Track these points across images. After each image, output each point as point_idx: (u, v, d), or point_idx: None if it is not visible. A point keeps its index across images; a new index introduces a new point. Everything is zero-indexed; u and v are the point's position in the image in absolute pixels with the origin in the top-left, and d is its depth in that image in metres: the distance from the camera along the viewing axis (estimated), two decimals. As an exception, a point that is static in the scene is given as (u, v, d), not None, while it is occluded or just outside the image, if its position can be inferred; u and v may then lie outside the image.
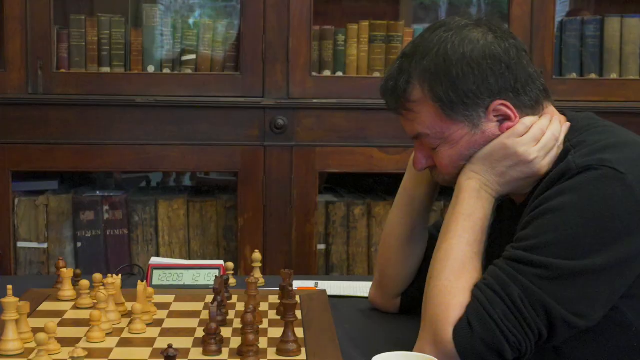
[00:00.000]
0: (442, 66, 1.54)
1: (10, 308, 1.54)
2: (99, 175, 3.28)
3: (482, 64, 1.54)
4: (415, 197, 1.80)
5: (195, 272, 2.03)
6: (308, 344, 1.60)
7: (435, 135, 1.60)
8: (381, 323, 1.85)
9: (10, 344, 1.54)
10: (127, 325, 1.69)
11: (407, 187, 1.82)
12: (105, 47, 3.00)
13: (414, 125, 1.63)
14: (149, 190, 3.19)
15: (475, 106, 1.56)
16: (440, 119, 1.58)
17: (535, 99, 1.60)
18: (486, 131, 1.58)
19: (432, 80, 1.55)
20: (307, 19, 2.91)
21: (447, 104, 1.55)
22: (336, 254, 2.98)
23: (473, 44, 1.54)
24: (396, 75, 1.61)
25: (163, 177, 3.41)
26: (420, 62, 1.57)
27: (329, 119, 2.87)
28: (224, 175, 3.32)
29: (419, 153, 1.68)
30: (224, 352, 1.56)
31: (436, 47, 1.56)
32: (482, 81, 1.54)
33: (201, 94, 2.89)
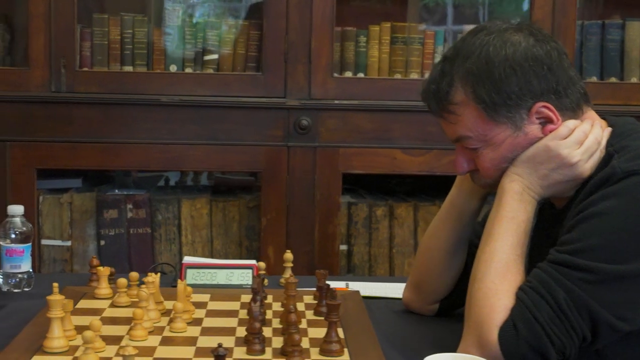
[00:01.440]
0: (484, 68, 1.55)
1: (55, 306, 1.55)
2: (118, 174, 3.29)
3: (524, 65, 1.55)
4: (464, 212, 1.81)
5: (229, 271, 2.04)
6: (349, 345, 1.61)
7: (477, 137, 1.61)
8: (417, 324, 1.86)
9: (56, 342, 1.55)
10: (168, 324, 1.70)
11: (455, 202, 1.81)
12: (128, 46, 3.00)
13: (455, 128, 1.64)
14: (169, 189, 3.19)
15: (517, 107, 1.57)
16: (483, 120, 1.58)
17: (576, 102, 1.61)
18: (529, 133, 1.59)
19: (474, 82, 1.56)
20: (329, 20, 2.92)
21: (490, 106, 1.56)
22: (358, 255, 2.99)
23: (515, 46, 1.55)
24: (438, 79, 1.62)
25: (181, 176, 3.42)
26: (463, 64, 1.58)
27: (352, 120, 2.87)
28: (241, 175, 3.33)
29: (460, 157, 1.68)
30: (267, 352, 1.57)
31: (478, 49, 1.57)
32: (524, 83, 1.55)
33: (223, 94, 2.90)
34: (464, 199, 1.80)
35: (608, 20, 3.15)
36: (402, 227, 2.98)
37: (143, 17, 3.04)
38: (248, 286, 2.02)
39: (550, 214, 1.69)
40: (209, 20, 3.06)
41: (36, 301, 1.92)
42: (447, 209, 1.84)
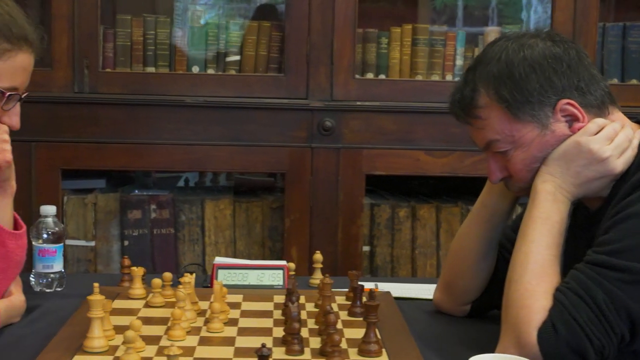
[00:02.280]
0: (504, 70, 1.59)
1: (96, 305, 1.56)
2: (138, 174, 3.30)
3: (543, 63, 1.59)
4: (496, 214, 1.82)
5: (260, 272, 2.05)
6: (386, 345, 1.62)
7: (505, 139, 1.62)
8: (449, 325, 1.86)
9: (96, 342, 1.56)
10: (205, 324, 1.71)
11: (487, 203, 1.83)
12: (150, 47, 3.01)
13: (484, 134, 1.66)
14: (192, 189, 3.20)
15: (540, 105, 1.59)
16: (508, 120, 1.61)
17: (600, 99, 1.63)
18: (556, 131, 1.61)
19: (496, 83, 1.60)
20: (351, 22, 2.93)
21: (513, 104, 1.59)
22: (380, 256, 2.99)
23: (532, 48, 1.61)
24: (462, 87, 1.67)
25: (199, 177, 3.43)
26: (484, 70, 1.62)
27: (375, 121, 2.88)
28: (259, 175, 3.34)
29: (492, 165, 1.70)
30: (306, 352, 1.58)
31: (497, 54, 1.62)
32: (544, 80, 1.59)
33: (245, 95, 2.91)
34: (496, 199, 1.81)
35: (629, 22, 3.15)
36: (424, 228, 2.99)
37: (165, 18, 3.05)
38: (279, 287, 2.04)
39: (584, 216, 1.70)
40: (231, 22, 3.07)
41: (69, 301, 1.94)
42: (478, 209, 1.85)
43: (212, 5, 3.14)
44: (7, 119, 1.72)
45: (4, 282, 1.77)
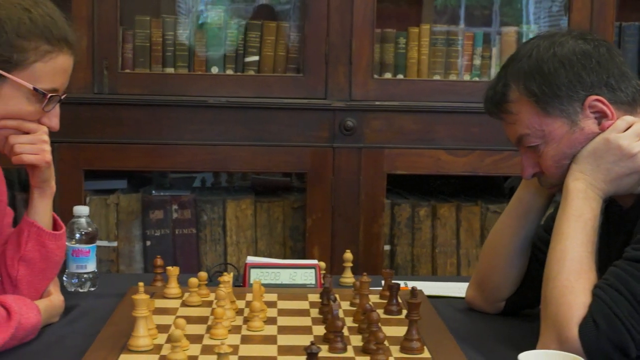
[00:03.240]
0: (534, 65, 1.64)
1: (141, 305, 1.57)
2: (155, 175, 3.31)
3: (572, 59, 1.63)
4: (532, 209, 1.84)
5: (292, 271, 2.06)
6: (426, 342, 1.63)
7: (535, 133, 1.66)
8: (484, 322, 1.87)
9: (141, 340, 1.57)
10: (244, 323, 1.73)
11: (522, 199, 1.85)
12: (169, 48, 3.02)
13: (515, 129, 1.69)
14: (209, 189, 3.21)
15: (569, 99, 1.62)
16: (538, 115, 1.64)
17: (631, 97, 1.65)
18: (585, 128, 1.63)
19: (526, 79, 1.64)
20: (370, 22, 2.94)
21: (542, 98, 1.63)
22: (401, 255, 3.01)
23: (562, 45, 1.65)
24: (495, 84, 1.72)
25: (215, 177, 3.44)
26: (515, 66, 1.67)
27: (396, 121, 2.89)
28: (277, 175, 3.35)
29: (525, 161, 1.72)
30: (349, 350, 1.59)
31: (529, 52, 1.66)
32: (573, 75, 1.62)
33: (264, 95, 2.92)
34: (531, 195, 1.83)
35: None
36: (444, 227, 3.01)
37: (184, 19, 3.06)
38: (312, 285, 2.05)
39: (617, 213, 1.72)
40: (250, 22, 3.08)
41: (105, 300, 1.95)
42: (514, 206, 1.87)
43: (231, 6, 3.15)
44: (47, 120, 1.73)
45: (44, 282, 1.78)
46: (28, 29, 1.64)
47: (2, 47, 1.62)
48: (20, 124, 1.69)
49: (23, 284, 1.75)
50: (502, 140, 2.85)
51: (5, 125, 1.68)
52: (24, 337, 1.63)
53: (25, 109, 1.68)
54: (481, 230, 3.02)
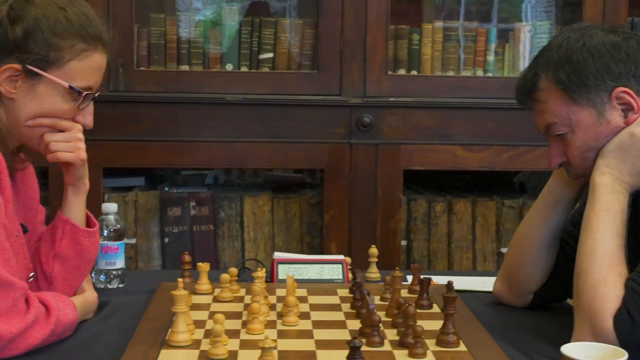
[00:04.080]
0: (563, 55, 1.68)
1: (181, 300, 1.59)
2: (167, 172, 3.32)
3: (601, 49, 1.66)
4: (561, 202, 1.85)
5: (320, 266, 2.07)
6: (461, 336, 1.65)
7: (562, 122, 1.69)
8: (513, 316, 1.89)
9: (181, 335, 1.58)
10: (279, 318, 1.74)
11: (552, 192, 1.86)
12: (184, 45, 3.03)
13: (544, 117, 1.72)
14: (229, 186, 3.22)
15: (597, 89, 1.65)
16: (565, 103, 1.67)
17: None
18: (611, 122, 1.66)
19: (555, 68, 1.68)
20: (383, 19, 2.95)
21: (570, 87, 1.66)
22: (417, 250, 3.03)
23: (592, 36, 1.68)
24: (525, 74, 1.76)
25: (226, 174, 3.45)
26: (545, 56, 1.71)
27: (413, 117, 2.91)
28: (288, 172, 3.37)
29: (552, 150, 1.75)
30: (386, 344, 1.61)
31: (559, 43, 1.70)
32: (601, 65, 1.65)
33: (279, 92, 2.93)
34: (561, 188, 1.85)
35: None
36: (460, 222, 3.03)
37: (199, 17, 3.07)
38: (339, 280, 2.07)
39: None
40: (264, 19, 3.09)
41: (135, 297, 1.97)
42: (544, 198, 1.88)
43: (246, 4, 3.16)
44: (81, 118, 1.74)
45: (78, 279, 1.80)
46: (64, 27, 1.65)
47: (39, 46, 1.63)
48: (55, 122, 1.70)
49: (58, 280, 1.77)
50: (518, 135, 2.93)
51: (41, 123, 1.69)
52: (62, 334, 1.64)
53: (60, 107, 1.69)
54: (497, 225, 3.04)
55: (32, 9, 1.64)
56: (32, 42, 1.63)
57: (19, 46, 1.63)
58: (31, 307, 1.58)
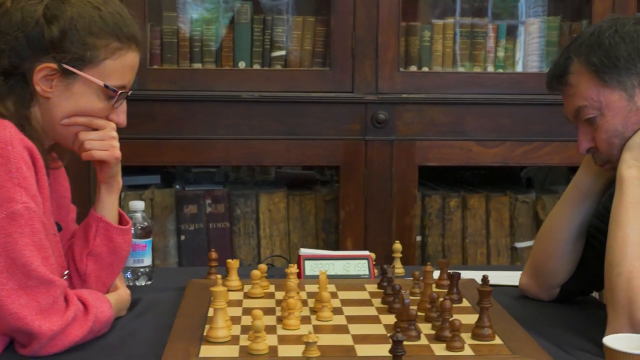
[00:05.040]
0: (596, 40, 1.72)
1: (220, 297, 1.60)
2: (178, 170, 3.33)
3: (633, 35, 1.70)
4: (589, 196, 1.87)
5: (346, 262, 2.09)
6: (495, 329, 1.66)
7: (592, 105, 1.72)
8: (541, 309, 1.91)
9: (220, 332, 1.60)
10: (313, 313, 1.76)
11: (580, 184, 1.88)
12: (197, 44, 3.04)
13: (574, 101, 1.75)
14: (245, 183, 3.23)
15: (627, 72, 1.69)
16: (596, 86, 1.71)
17: None
18: None
19: (587, 51, 1.72)
20: (395, 16, 2.97)
21: (601, 69, 1.70)
22: (432, 246, 3.05)
23: (624, 24, 1.73)
24: (557, 60, 1.80)
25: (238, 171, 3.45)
26: (577, 42, 1.76)
27: (427, 113, 2.93)
28: (296, 168, 3.37)
29: (581, 135, 1.78)
30: (422, 338, 1.63)
31: (591, 31, 1.75)
32: (633, 49, 1.69)
33: (291, 90, 2.95)
34: (589, 181, 1.87)
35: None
36: (474, 217, 3.05)
37: (211, 15, 3.07)
38: (365, 276, 2.08)
39: None
40: (276, 17, 3.10)
41: (165, 294, 1.98)
42: (571, 191, 1.90)
43: (258, 2, 3.17)
44: (115, 116, 1.75)
45: (111, 277, 1.81)
46: (99, 26, 1.66)
47: (75, 45, 1.64)
48: (90, 121, 1.72)
49: (91, 278, 1.78)
50: (532, 130, 2.95)
51: (76, 122, 1.70)
52: (99, 331, 1.66)
53: (95, 106, 1.70)
54: (510, 220, 3.07)
55: (68, 8, 1.65)
56: (68, 42, 1.64)
57: (55, 46, 1.64)
58: (70, 305, 1.59)
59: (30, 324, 1.52)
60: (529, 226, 3.07)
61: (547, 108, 2.94)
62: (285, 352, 1.54)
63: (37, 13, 1.64)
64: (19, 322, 1.52)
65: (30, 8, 1.64)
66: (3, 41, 1.64)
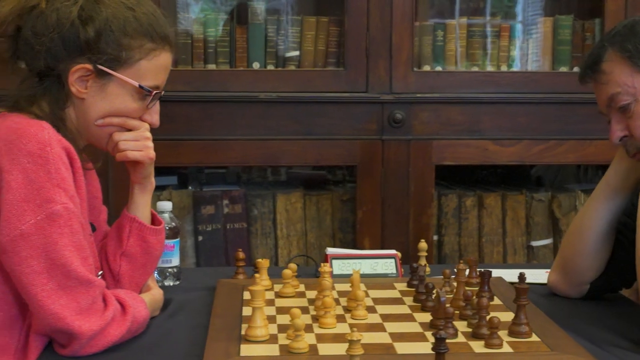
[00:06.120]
0: (629, 29, 1.75)
1: (259, 296, 1.60)
2: (191, 170, 3.33)
3: None
4: (619, 191, 1.88)
5: (373, 261, 2.10)
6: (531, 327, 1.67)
7: (626, 91, 1.73)
8: (571, 306, 1.92)
9: (259, 330, 1.60)
10: (347, 312, 1.76)
11: (610, 181, 1.89)
12: (211, 45, 3.05)
13: (607, 89, 1.76)
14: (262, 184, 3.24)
15: None
16: (630, 72, 1.73)
17: None
18: None
19: (622, 40, 1.74)
20: (409, 16, 2.98)
21: (635, 54, 1.72)
22: (448, 245, 3.05)
23: None
24: (592, 51, 1.81)
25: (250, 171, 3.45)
26: (611, 33, 1.78)
27: (443, 112, 2.94)
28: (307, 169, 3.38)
29: (614, 124, 1.78)
30: (459, 336, 1.63)
31: (624, 23, 1.78)
32: None
33: (306, 90, 2.95)
34: (620, 177, 1.88)
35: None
36: (490, 216, 3.06)
37: (225, 16, 3.08)
38: (393, 275, 2.09)
39: None
40: (290, 18, 3.11)
41: (195, 293, 1.99)
42: (602, 188, 1.91)
43: (272, 3, 3.18)
44: (148, 117, 1.76)
45: (144, 277, 1.81)
46: (133, 27, 1.67)
47: (110, 46, 1.65)
48: (124, 121, 1.72)
49: (125, 278, 1.78)
50: (547, 129, 2.96)
51: (110, 122, 1.71)
52: (136, 331, 1.66)
53: (129, 106, 1.70)
54: (526, 218, 3.08)
55: (103, 9, 1.65)
56: (104, 42, 1.64)
57: (91, 46, 1.64)
58: (109, 305, 1.59)
59: (71, 324, 1.53)
60: (545, 225, 3.08)
61: (562, 107, 2.95)
62: (326, 351, 1.55)
63: (73, 14, 1.64)
64: (60, 323, 1.52)
65: (65, 9, 1.64)
66: (38, 42, 1.64)
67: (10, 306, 1.60)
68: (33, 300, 1.53)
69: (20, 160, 1.54)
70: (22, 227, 1.52)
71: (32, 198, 1.53)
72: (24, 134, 1.56)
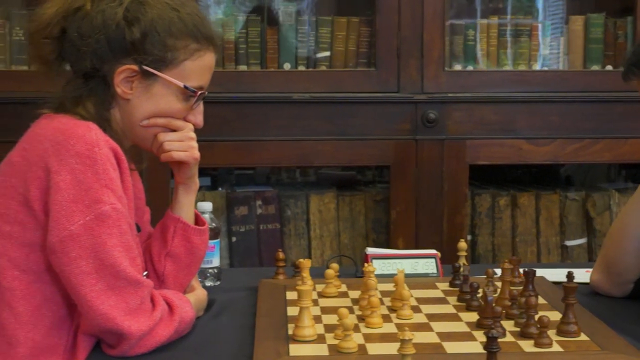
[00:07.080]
0: None
1: (306, 295, 1.60)
2: (221, 172, 3.33)
3: None
4: None
5: (414, 261, 2.09)
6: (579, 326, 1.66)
7: None
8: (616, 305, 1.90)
9: (307, 330, 1.60)
10: (393, 312, 1.76)
11: None
12: (242, 46, 3.05)
13: None
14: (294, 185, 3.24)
15: None
16: None
17: None
18: None
19: None
20: (440, 15, 2.97)
21: None
22: (482, 245, 3.04)
23: None
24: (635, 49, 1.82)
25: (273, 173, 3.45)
26: None
27: (477, 112, 2.93)
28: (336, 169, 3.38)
29: None
30: (508, 335, 1.63)
31: None
32: None
33: (337, 90, 2.95)
34: None
35: None
36: (524, 216, 3.04)
37: (256, 17, 3.08)
38: (434, 274, 2.08)
39: None
40: (320, 18, 3.11)
41: (236, 294, 1.99)
42: None
43: (302, 3, 3.18)
44: (192, 117, 1.76)
45: (188, 277, 1.81)
46: (178, 28, 1.67)
47: (156, 47, 1.65)
48: (168, 122, 1.72)
49: (169, 279, 1.78)
50: (581, 128, 2.94)
51: (155, 123, 1.71)
52: (183, 331, 1.66)
53: (174, 107, 1.71)
54: (560, 218, 3.06)
55: (148, 10, 1.66)
56: (149, 43, 1.65)
57: (137, 47, 1.65)
58: (157, 305, 1.60)
59: (120, 324, 1.53)
60: (579, 224, 3.06)
61: (596, 105, 2.94)
62: (375, 350, 1.55)
63: (118, 15, 1.64)
64: (109, 323, 1.53)
65: (110, 10, 1.65)
66: (84, 44, 1.65)
67: (59, 307, 1.61)
68: (82, 301, 1.54)
69: (68, 161, 1.54)
70: (71, 228, 1.53)
71: (80, 199, 1.53)
72: (72, 134, 1.56)
